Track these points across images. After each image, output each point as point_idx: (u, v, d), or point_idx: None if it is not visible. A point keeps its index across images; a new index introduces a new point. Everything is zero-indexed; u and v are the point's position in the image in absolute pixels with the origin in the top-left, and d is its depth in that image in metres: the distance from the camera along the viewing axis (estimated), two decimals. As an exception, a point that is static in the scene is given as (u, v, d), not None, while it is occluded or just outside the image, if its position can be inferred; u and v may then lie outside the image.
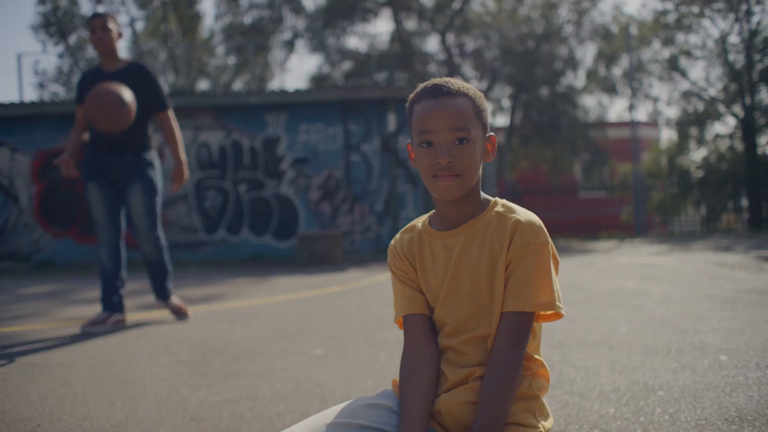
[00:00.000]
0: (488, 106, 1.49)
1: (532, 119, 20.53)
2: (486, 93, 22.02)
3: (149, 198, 4.50)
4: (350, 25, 22.62)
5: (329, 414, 1.37)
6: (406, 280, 1.53)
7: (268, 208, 12.93)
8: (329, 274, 8.42)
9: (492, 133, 1.49)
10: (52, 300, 6.48)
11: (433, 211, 1.56)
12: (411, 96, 1.46)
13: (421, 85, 1.45)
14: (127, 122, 4.10)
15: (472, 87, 1.46)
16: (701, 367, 2.82)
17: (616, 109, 62.74)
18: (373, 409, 1.40)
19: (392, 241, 1.58)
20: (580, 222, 19.52)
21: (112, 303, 4.43)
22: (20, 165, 12.97)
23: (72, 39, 23.58)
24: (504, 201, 1.49)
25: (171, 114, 4.65)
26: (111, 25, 4.42)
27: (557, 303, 1.39)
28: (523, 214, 1.43)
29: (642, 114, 31.66)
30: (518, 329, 1.37)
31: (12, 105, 13.02)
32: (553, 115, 19.64)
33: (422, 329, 1.47)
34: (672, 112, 22.24)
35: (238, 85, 26.06)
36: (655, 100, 20.39)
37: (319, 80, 23.86)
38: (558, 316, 1.42)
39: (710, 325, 3.78)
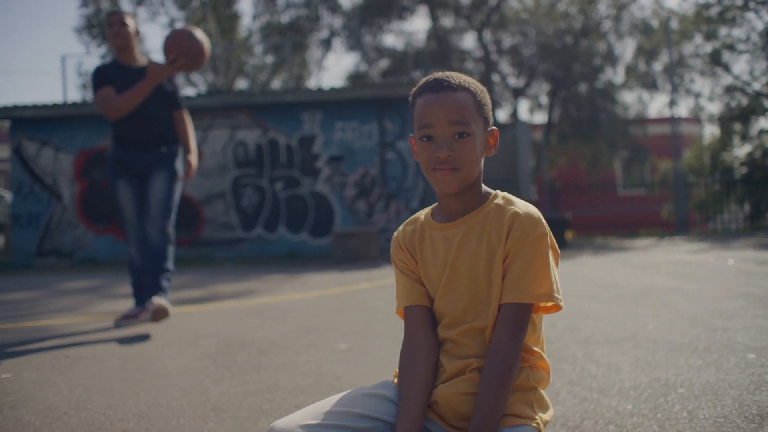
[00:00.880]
0: (490, 101, 1.50)
1: (570, 116, 20.30)
2: (523, 90, 21.88)
3: (170, 187, 4.51)
4: (387, 23, 22.63)
5: (328, 402, 1.39)
6: (407, 272, 1.55)
7: (304, 206, 13.02)
8: (362, 271, 8.45)
9: (494, 128, 1.49)
10: (89, 295, 6.64)
11: (437, 203, 1.57)
12: (414, 90, 1.47)
13: (423, 79, 1.46)
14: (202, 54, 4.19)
15: (474, 81, 1.47)
16: (727, 365, 2.78)
17: (657, 105, 61.64)
18: (372, 398, 1.42)
19: (395, 233, 1.59)
20: (620, 219, 19.25)
21: (143, 297, 4.48)
22: (63, 164, 13.27)
23: (114, 40, 23.98)
24: (505, 194, 1.49)
25: (186, 113, 4.71)
26: (128, 22, 4.48)
27: (556, 294, 1.39)
28: (522, 206, 1.44)
29: (683, 110, 31.00)
30: (516, 321, 1.37)
31: (55, 106, 13.33)
32: (592, 111, 19.40)
33: (421, 321, 1.49)
34: (714, 108, 21.76)
35: (276, 84, 26.27)
36: (697, 95, 19.94)
37: (356, 78, 23.93)
38: (557, 308, 1.42)
39: (742, 323, 3.71)
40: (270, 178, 13.11)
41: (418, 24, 61.70)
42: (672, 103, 17.51)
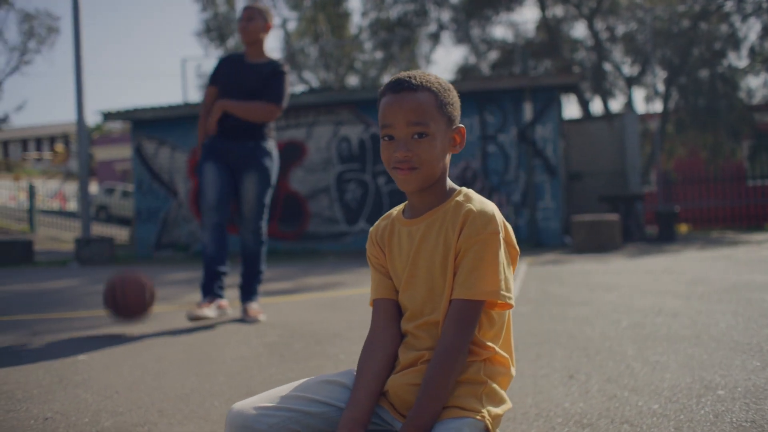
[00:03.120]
0: (456, 99, 1.51)
1: (688, 104, 19.30)
2: (638, 78, 21.02)
3: (261, 188, 4.49)
4: (495, 14, 22.37)
5: (287, 387, 1.45)
6: (378, 266, 1.60)
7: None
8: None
9: (461, 125, 1.51)
10: (187, 286, 7.03)
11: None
12: (380, 89, 1.51)
13: (389, 79, 1.50)
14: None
15: (439, 80, 1.48)
16: (785, 368, 2.62)
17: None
18: (328, 384, 1.47)
19: (372, 227, 1.64)
20: (745, 211, 18.12)
21: (212, 289, 4.47)
22: (179, 162, 14.05)
23: (231, 43, 25.07)
24: (468, 191, 1.51)
25: (273, 108, 4.43)
26: (256, 17, 4.47)
27: (502, 292, 1.39)
28: (478, 203, 1.45)
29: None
30: (463, 316, 1.39)
31: (170, 107, 14.13)
32: (712, 98, 18.36)
33: (384, 314, 1.53)
34: None
35: (385, 79, 26.55)
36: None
37: (465, 71, 23.80)
38: (508, 305, 1.43)
39: (826, 323, 3.46)
40: (373, 172, 13.31)
41: (527, 14, 60.48)
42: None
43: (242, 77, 4.45)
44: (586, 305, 4.52)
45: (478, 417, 1.33)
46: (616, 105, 21.59)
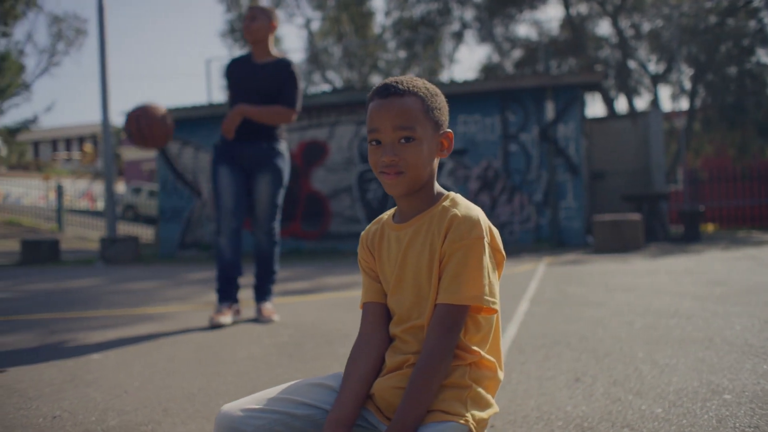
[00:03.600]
0: (444, 104, 1.51)
1: (715, 101, 19.03)
2: (664, 76, 20.78)
3: (274, 189, 4.51)
4: (518, 12, 22.26)
5: (275, 390, 1.47)
6: (368, 270, 1.61)
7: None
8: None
9: (448, 130, 1.51)
10: (203, 286, 7.09)
11: None
12: (369, 94, 1.52)
13: (377, 85, 1.51)
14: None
15: (426, 85, 1.49)
16: (796, 372, 2.58)
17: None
18: (315, 387, 1.48)
19: (363, 231, 1.65)
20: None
21: (228, 294, 4.48)
22: (202, 162, 14.18)
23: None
24: (455, 195, 1.51)
25: (290, 112, 4.45)
26: (259, 16, 4.48)
27: (486, 297, 1.39)
28: (464, 208, 1.45)
29: None
30: (446, 321, 1.39)
31: (194, 107, 14.27)
32: (740, 95, 18.08)
33: (373, 317, 1.55)
34: None
35: (409, 78, 26.51)
36: None
37: (488, 70, 23.74)
38: (492, 310, 1.43)
39: (844, 326, 3.40)
40: (394, 172, 13.30)
41: (551, 12, 59.95)
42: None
43: (253, 79, 4.48)
44: (601, 306, 4.49)
45: (462, 421, 1.34)
46: (641, 103, 21.33)
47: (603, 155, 15.22)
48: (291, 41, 34.03)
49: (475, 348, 1.44)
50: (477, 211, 1.45)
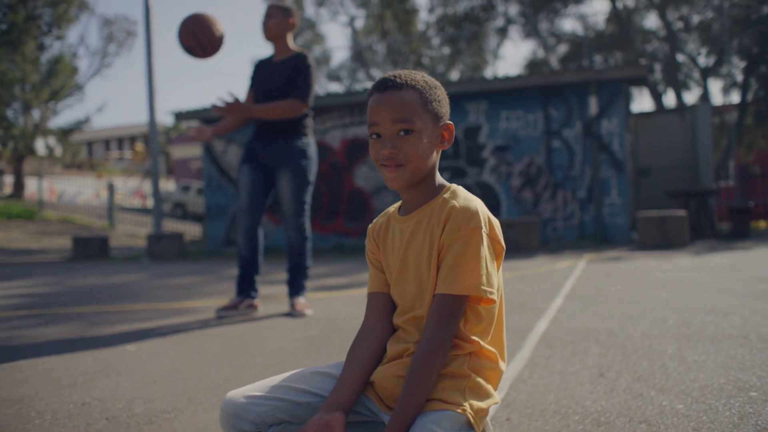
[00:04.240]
0: (443, 96, 1.52)
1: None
2: (714, 69, 20.27)
3: (296, 186, 4.51)
4: (563, 7, 21.98)
5: (279, 377, 1.51)
6: (374, 261, 1.64)
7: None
8: (512, 261, 8.38)
9: (449, 122, 1.52)
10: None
11: None
12: (369, 89, 1.55)
13: (376, 79, 1.53)
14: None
15: (425, 78, 1.50)
16: (828, 369, 2.52)
17: None
18: (318, 375, 1.51)
19: (371, 224, 1.67)
20: None
21: (245, 288, 4.58)
22: (246, 159, 14.34)
23: (299, 42, 25.43)
24: (456, 187, 1.52)
25: (296, 104, 4.41)
26: (276, 14, 4.51)
27: (483, 287, 1.40)
28: (463, 200, 1.46)
29: None
30: (444, 311, 1.40)
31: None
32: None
33: (375, 307, 1.57)
34: None
35: (454, 74, 26.47)
36: None
37: (533, 66, 23.50)
38: (491, 300, 1.44)
39: None
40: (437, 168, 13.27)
41: (597, 6, 58.88)
42: None
43: (267, 77, 4.53)
44: (635, 303, 4.42)
45: (459, 410, 1.35)
46: (691, 97, 20.89)
47: (649, 151, 14.92)
48: (335, 39, 34.28)
49: (474, 338, 1.45)
50: (476, 202, 1.46)
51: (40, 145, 31.91)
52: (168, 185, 33.94)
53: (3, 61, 23.53)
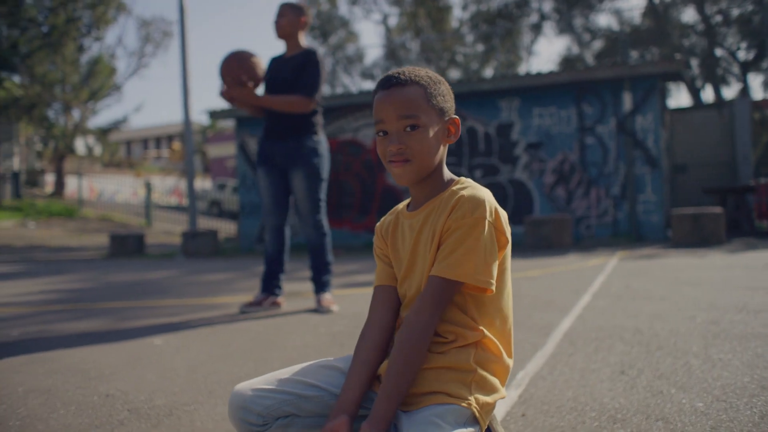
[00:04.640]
0: (448, 91, 1.53)
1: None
2: (755, 62, 19.86)
3: (309, 183, 4.53)
4: (599, 2, 21.71)
5: (288, 371, 1.52)
6: (382, 256, 1.65)
7: (503, 193, 12.98)
8: (543, 258, 8.32)
9: (454, 116, 1.53)
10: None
11: None
12: (374, 87, 1.56)
13: (381, 77, 1.55)
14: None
15: (429, 74, 1.51)
16: None
17: None
18: (326, 369, 1.53)
19: (378, 223, 1.69)
20: None
21: (270, 286, 4.66)
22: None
23: (333, 40, 25.58)
24: (466, 180, 1.53)
25: (302, 100, 4.43)
26: (287, 13, 4.55)
27: (479, 276, 1.40)
28: (470, 190, 1.46)
29: None
30: (434, 292, 1.41)
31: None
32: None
33: (381, 301, 1.58)
34: None
35: (487, 71, 26.34)
36: None
37: (567, 62, 23.28)
38: (485, 290, 1.44)
39: None
40: (469, 166, 13.24)
41: (633, 0, 57.93)
42: None
43: (278, 73, 4.57)
44: (664, 300, 4.36)
45: (464, 404, 1.35)
46: (730, 93, 20.45)
47: (686, 147, 14.67)
48: (368, 37, 34.44)
49: (481, 327, 1.45)
50: (484, 192, 1.46)
51: (80, 145, 32.58)
52: (204, 183, 34.37)
53: (44, 62, 24.06)
